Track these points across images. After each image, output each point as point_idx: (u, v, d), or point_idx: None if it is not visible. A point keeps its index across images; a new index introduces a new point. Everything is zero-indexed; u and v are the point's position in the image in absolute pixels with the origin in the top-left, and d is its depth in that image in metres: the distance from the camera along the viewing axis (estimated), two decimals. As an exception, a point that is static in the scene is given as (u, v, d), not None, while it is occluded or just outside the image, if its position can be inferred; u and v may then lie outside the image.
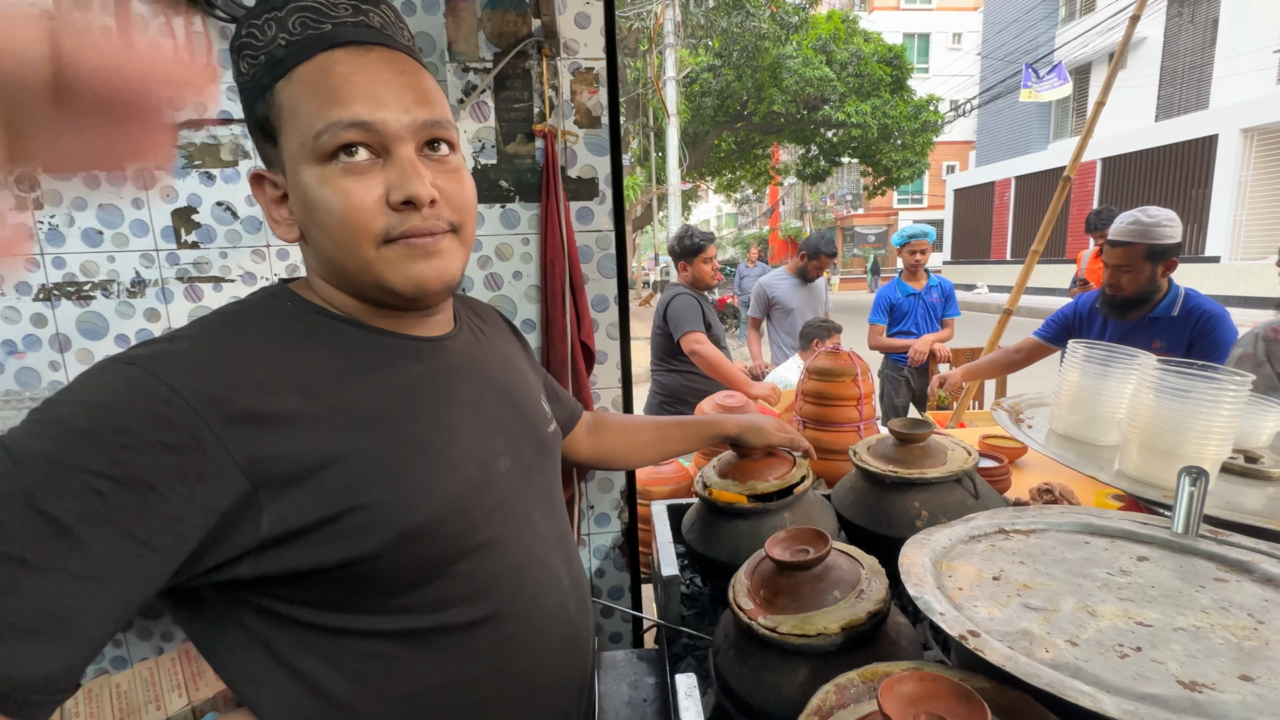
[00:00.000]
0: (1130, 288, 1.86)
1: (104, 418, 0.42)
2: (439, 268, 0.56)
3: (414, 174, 0.52)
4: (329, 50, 0.51)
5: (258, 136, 0.54)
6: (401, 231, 0.53)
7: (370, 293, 0.56)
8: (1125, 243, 1.82)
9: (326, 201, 0.51)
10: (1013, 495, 1.61)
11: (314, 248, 0.55)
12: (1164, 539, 0.68)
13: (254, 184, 0.56)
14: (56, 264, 1.21)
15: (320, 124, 0.50)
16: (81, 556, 0.39)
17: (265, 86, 0.51)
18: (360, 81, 0.51)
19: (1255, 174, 10.47)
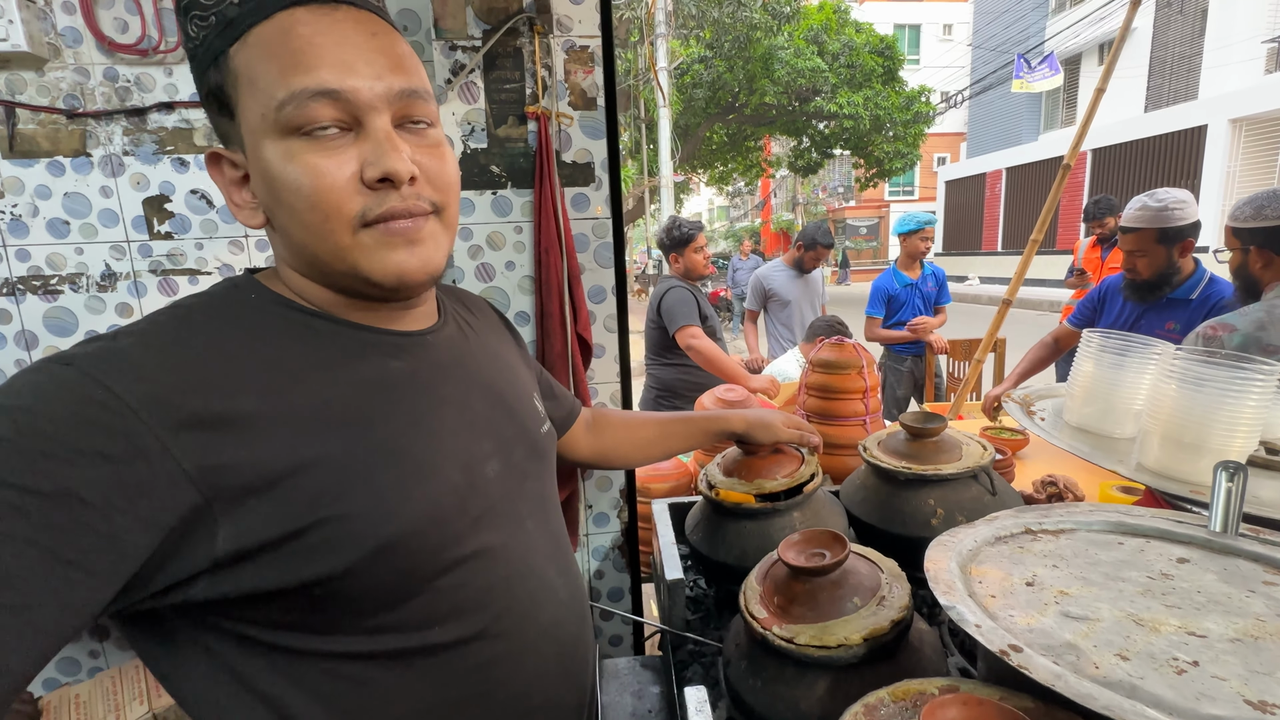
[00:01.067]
0: (1147, 271, 1.86)
1: (29, 424, 0.36)
2: (422, 256, 0.50)
3: (391, 148, 0.47)
4: (289, 9, 0.45)
5: (212, 110, 0.49)
6: (379, 213, 0.47)
7: (345, 282, 0.51)
8: (1135, 228, 1.83)
9: (293, 180, 0.45)
10: (1016, 488, 1.58)
11: (282, 233, 0.50)
12: (1202, 539, 0.64)
13: (210, 164, 0.50)
14: (20, 256, 1.14)
15: (283, 93, 0.44)
16: (1, 584, 0.34)
17: (218, 51, 0.46)
18: (326, 43, 0.45)
19: (1244, 164, 10.53)
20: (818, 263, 3.47)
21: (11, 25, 1.02)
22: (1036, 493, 1.54)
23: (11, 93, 1.09)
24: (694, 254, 2.64)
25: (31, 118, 1.10)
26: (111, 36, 1.08)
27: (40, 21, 1.07)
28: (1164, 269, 1.83)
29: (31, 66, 1.08)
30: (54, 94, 1.10)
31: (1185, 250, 1.83)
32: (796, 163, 15.83)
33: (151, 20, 1.09)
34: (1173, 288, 1.85)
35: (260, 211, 0.50)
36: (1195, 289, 1.85)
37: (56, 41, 1.08)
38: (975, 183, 17.38)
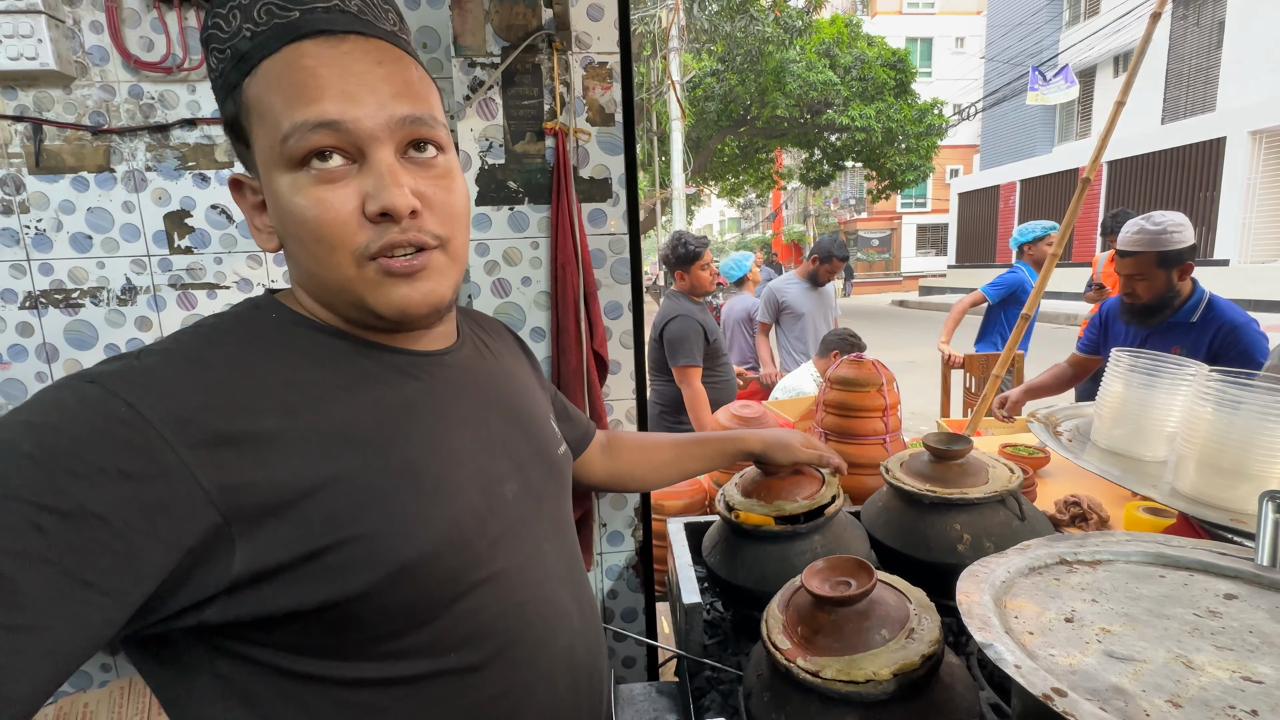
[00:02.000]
0: (1147, 295, 1.84)
1: (52, 441, 0.36)
2: (424, 290, 0.50)
3: (391, 181, 0.46)
4: (296, 41, 0.45)
5: (231, 138, 0.49)
6: (380, 247, 0.47)
7: (353, 312, 0.51)
8: (1133, 252, 1.81)
9: (300, 212, 0.46)
10: (1038, 506, 1.54)
11: (293, 261, 0.50)
12: (1249, 573, 0.61)
13: (233, 189, 0.51)
14: (44, 270, 1.15)
15: (287, 125, 0.44)
16: (15, 604, 0.33)
17: (233, 84, 0.46)
18: (329, 75, 0.45)
19: (1264, 176, 10.38)
20: (832, 275, 3.45)
21: (41, 44, 1.04)
22: (1059, 513, 1.50)
23: (39, 110, 1.11)
24: (700, 271, 2.59)
25: (58, 134, 1.12)
26: (137, 55, 1.10)
27: (69, 40, 1.09)
28: (1164, 292, 1.81)
29: (59, 84, 1.10)
30: (80, 111, 1.12)
31: (1184, 273, 1.81)
32: (808, 175, 15.83)
33: (176, 39, 1.10)
34: (1174, 311, 1.83)
35: (274, 237, 0.50)
36: (1195, 311, 1.82)
37: (84, 60, 1.10)
38: (989, 195, 17.27)
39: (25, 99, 1.10)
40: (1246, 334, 1.76)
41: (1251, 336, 1.76)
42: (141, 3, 1.10)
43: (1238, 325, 1.78)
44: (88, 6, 1.09)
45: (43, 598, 0.34)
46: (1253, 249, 10.62)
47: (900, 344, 9.33)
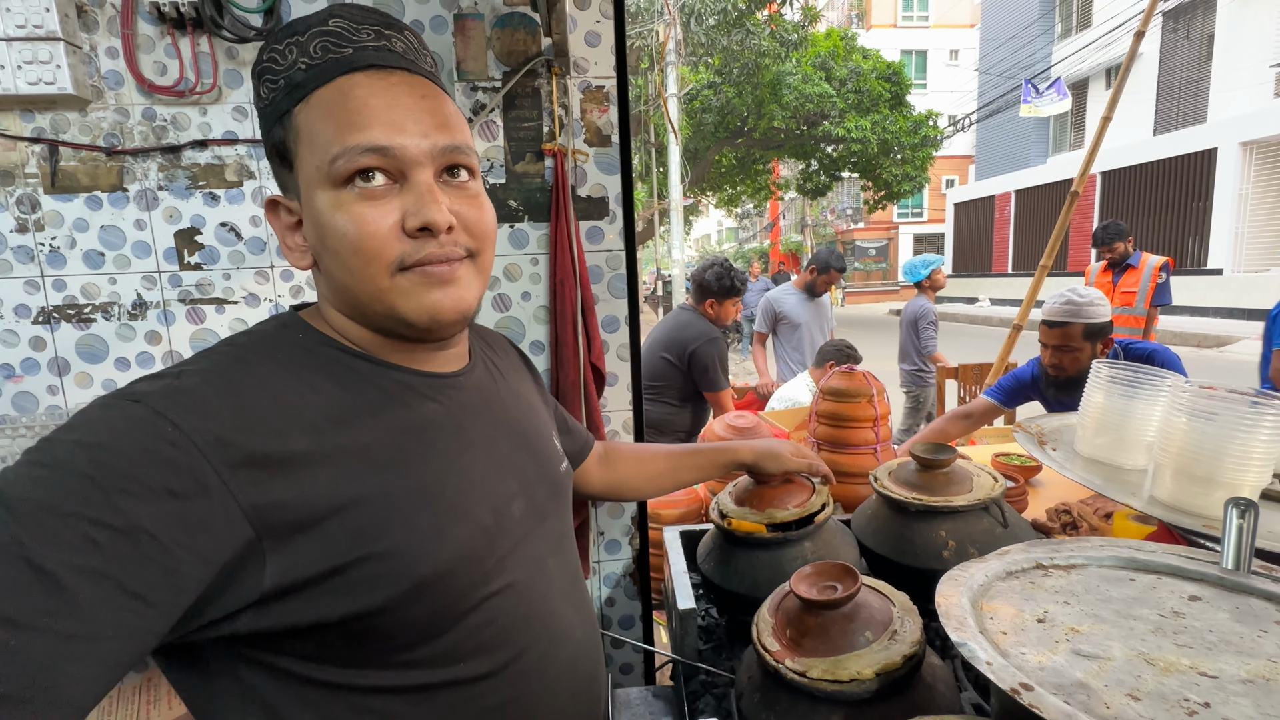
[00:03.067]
0: (1072, 368, 1.85)
1: (106, 461, 0.39)
2: (454, 296, 0.53)
3: (431, 200, 0.50)
4: (349, 74, 0.50)
5: (275, 162, 0.53)
6: (417, 259, 0.51)
7: (383, 323, 0.54)
8: (1062, 323, 1.83)
9: (340, 227, 0.49)
10: (1029, 516, 1.57)
11: (326, 275, 0.53)
12: (1214, 576, 0.64)
13: (269, 210, 0.54)
14: (57, 286, 1.18)
15: (337, 148, 0.48)
16: (73, 614, 0.36)
17: (284, 111, 0.50)
18: (379, 105, 0.49)
19: (1256, 187, 10.49)
20: (829, 286, 3.47)
21: (59, 70, 1.08)
22: (1050, 521, 1.52)
23: (55, 132, 1.14)
24: (732, 307, 2.62)
25: (73, 155, 1.15)
26: (151, 79, 1.14)
27: (85, 66, 1.13)
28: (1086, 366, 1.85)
29: (75, 107, 1.14)
30: (95, 133, 1.15)
31: (1106, 346, 1.84)
32: (805, 185, 15.96)
33: (189, 64, 1.14)
34: None
35: (309, 254, 0.53)
36: None
37: (99, 84, 1.14)
38: (984, 205, 17.42)
39: (43, 121, 1.14)
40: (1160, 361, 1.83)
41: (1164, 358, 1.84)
42: (155, 29, 1.14)
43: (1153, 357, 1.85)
44: (104, 33, 1.13)
45: (98, 608, 0.36)
46: (1245, 259, 10.71)
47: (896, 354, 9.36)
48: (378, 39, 0.52)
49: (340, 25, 0.50)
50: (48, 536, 0.36)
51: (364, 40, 0.51)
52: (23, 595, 0.35)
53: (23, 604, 0.35)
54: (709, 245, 42.48)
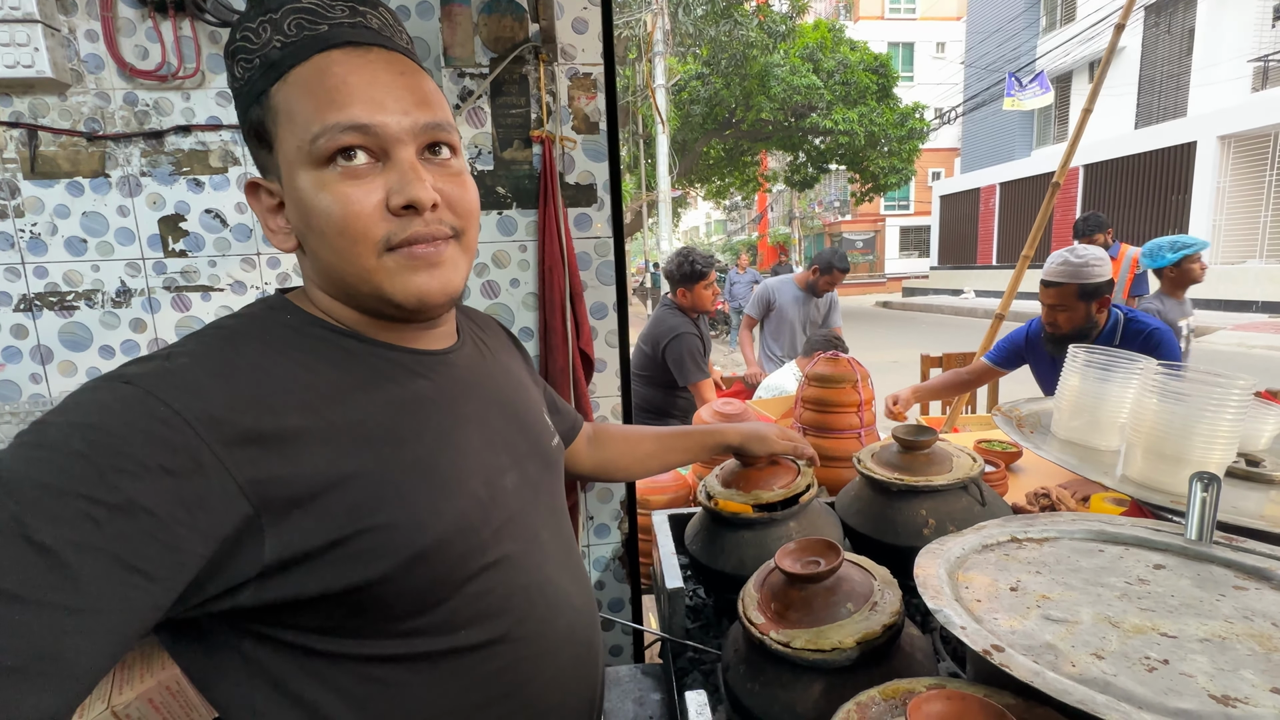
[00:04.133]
0: (1067, 326, 1.91)
1: (100, 440, 0.39)
2: (442, 279, 0.54)
3: (415, 177, 0.50)
4: (325, 51, 0.49)
5: (253, 143, 0.52)
6: (403, 238, 0.51)
7: (370, 303, 0.54)
8: (1057, 283, 1.88)
9: (324, 207, 0.49)
10: (1009, 500, 1.61)
11: (312, 257, 0.53)
12: (1178, 546, 0.67)
13: (249, 193, 0.54)
14: (38, 273, 1.17)
15: (317, 126, 0.48)
16: (75, 589, 0.36)
17: (260, 91, 0.50)
18: (358, 82, 0.49)
19: (1233, 180, 10.69)
20: (831, 287, 3.40)
21: (37, 53, 1.06)
22: (1029, 504, 1.56)
23: (34, 116, 1.13)
24: (703, 290, 2.59)
25: (53, 140, 1.14)
26: (132, 63, 1.13)
27: (64, 49, 1.11)
28: (1083, 324, 1.89)
29: (54, 91, 1.12)
30: (75, 118, 1.14)
31: (1102, 306, 1.89)
32: (793, 177, 16.01)
33: (171, 47, 1.13)
34: (1090, 340, 1.91)
35: (292, 236, 0.53)
36: (1115, 336, 1.91)
37: (79, 68, 1.13)
38: (970, 197, 17.57)
39: (21, 105, 1.12)
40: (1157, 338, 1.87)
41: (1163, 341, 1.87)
42: (136, 12, 1.12)
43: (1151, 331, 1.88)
44: (83, 15, 1.11)
45: (100, 584, 0.37)
46: (1223, 250, 10.92)
47: (883, 345, 9.47)
48: (352, 15, 0.51)
49: (314, 2, 0.50)
50: (46, 514, 0.36)
51: (339, 16, 0.50)
52: (24, 571, 0.35)
53: (24, 580, 0.35)
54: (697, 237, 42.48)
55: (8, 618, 0.34)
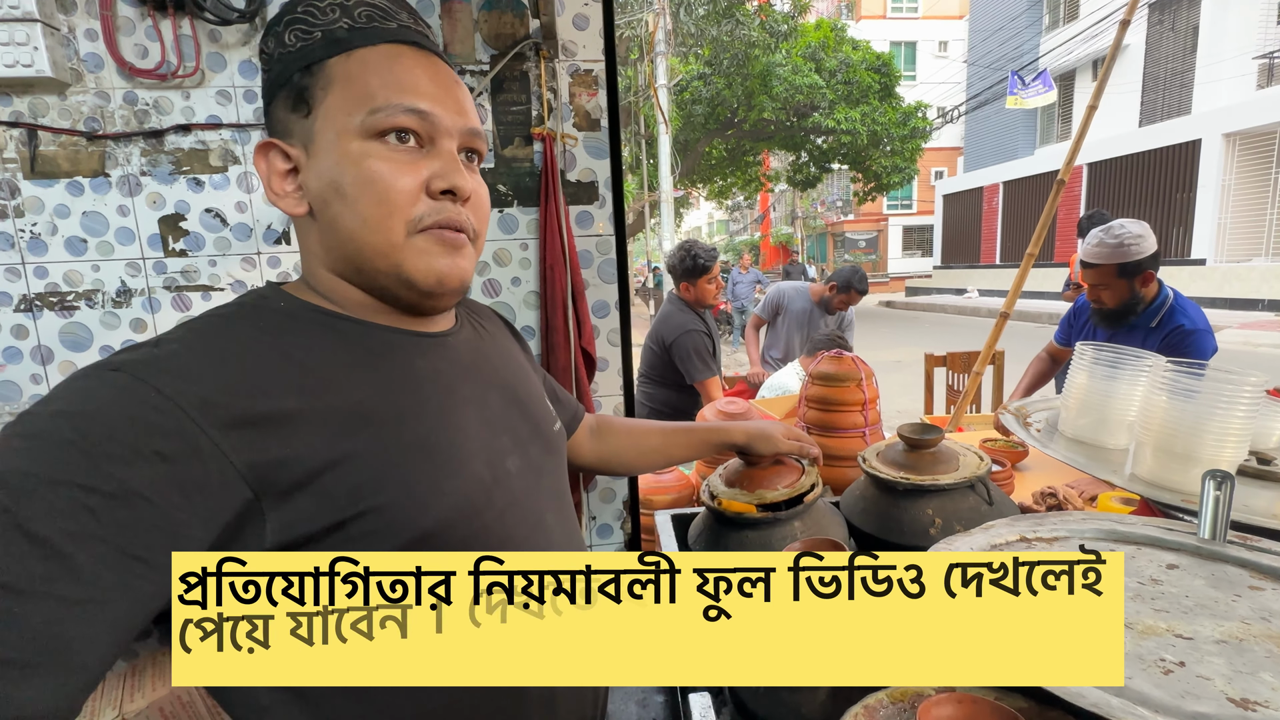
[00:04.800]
0: (1112, 302, 1.93)
1: (89, 428, 0.38)
2: (461, 266, 0.56)
3: (457, 167, 0.53)
4: (396, 44, 0.53)
5: (282, 106, 0.53)
6: (435, 220, 0.53)
7: (381, 281, 0.54)
8: (1094, 264, 1.90)
9: (366, 176, 0.50)
10: (1015, 499, 1.60)
11: (328, 226, 0.53)
12: (1191, 545, 0.66)
13: (259, 153, 0.54)
14: (38, 273, 1.17)
15: (380, 101, 0.50)
16: (74, 579, 0.36)
17: (315, 59, 0.51)
18: (424, 76, 0.53)
19: (1238, 178, 10.63)
20: (846, 307, 3.32)
21: (36, 52, 1.06)
22: (1036, 504, 1.55)
23: (34, 116, 1.12)
24: (706, 284, 2.56)
25: (52, 139, 1.14)
26: (132, 62, 1.12)
27: (63, 48, 1.11)
28: (1127, 299, 1.90)
29: (54, 91, 1.12)
30: (75, 117, 1.14)
31: (1146, 281, 1.89)
32: (795, 177, 15.99)
33: (171, 46, 1.13)
34: (1137, 315, 1.93)
35: (304, 202, 0.53)
36: (1157, 315, 1.91)
37: (79, 67, 1.12)
38: (973, 196, 17.53)
39: (20, 105, 1.12)
40: (1191, 340, 1.84)
41: (1196, 344, 1.84)
42: (136, 11, 1.12)
43: (1187, 332, 1.85)
44: (83, 14, 1.11)
45: (100, 573, 0.36)
46: (1228, 249, 10.87)
47: (887, 344, 9.45)
48: (415, 22, 0.56)
49: (383, 1, 0.54)
50: (39, 505, 0.36)
51: (405, 21, 0.55)
52: (20, 563, 0.35)
53: (21, 571, 0.35)
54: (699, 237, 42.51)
55: (8, 610, 0.34)
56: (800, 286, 3.51)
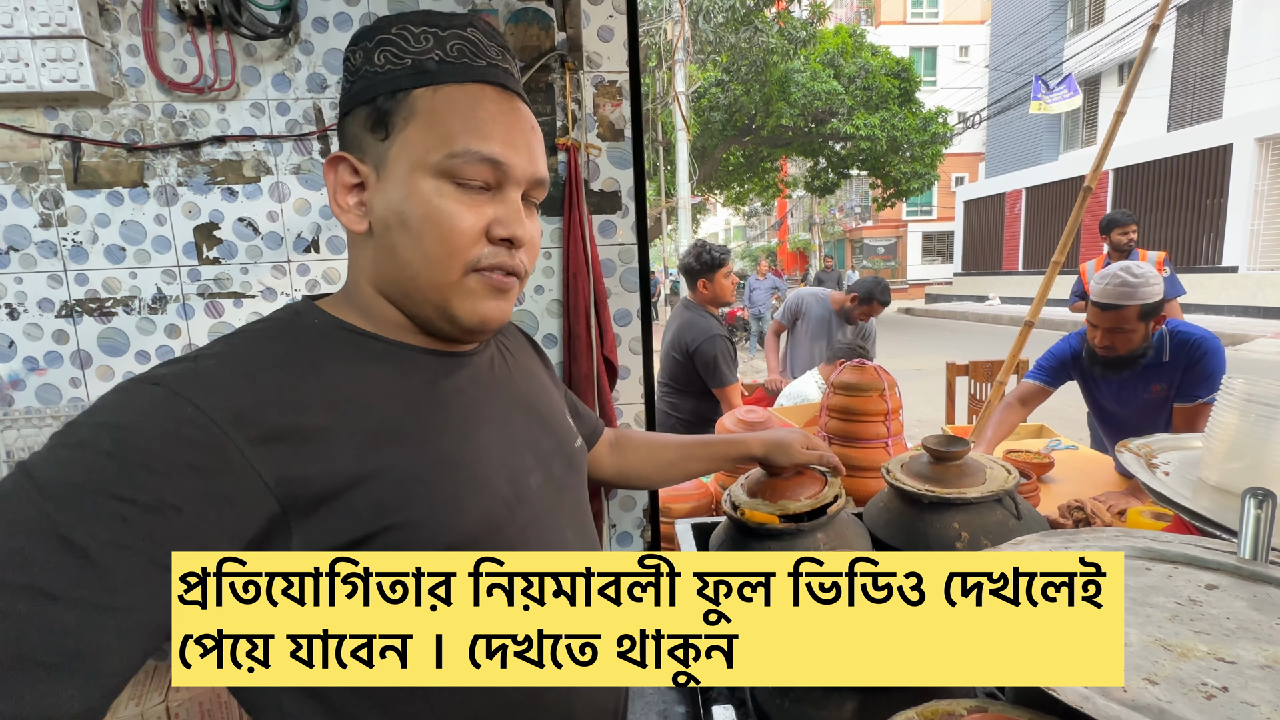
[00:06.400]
0: (1125, 348, 1.78)
1: (129, 440, 0.40)
2: (503, 309, 0.57)
3: (519, 217, 0.55)
4: (481, 84, 0.54)
5: (361, 125, 0.53)
6: (491, 264, 0.54)
7: (428, 312, 0.55)
8: (1117, 305, 1.73)
9: (435, 214, 0.51)
10: (1041, 512, 1.56)
11: (384, 250, 0.54)
12: (1231, 565, 0.64)
13: (329, 165, 0.55)
14: (79, 280, 1.21)
15: (460, 146, 0.51)
16: (109, 588, 0.37)
17: (403, 87, 0.52)
18: (504, 124, 0.54)
19: (1271, 183, 10.35)
20: (867, 318, 3.30)
21: (82, 68, 1.10)
22: (1063, 518, 1.52)
23: (78, 129, 1.16)
24: (724, 279, 2.57)
25: (95, 151, 1.18)
26: (171, 76, 1.16)
27: (107, 64, 1.15)
28: (1141, 344, 1.77)
29: (97, 104, 1.16)
30: (116, 129, 1.17)
31: (1158, 324, 1.78)
32: (813, 183, 15.92)
33: (208, 61, 1.16)
34: (1144, 360, 1.80)
35: (365, 220, 0.54)
36: (1165, 350, 1.80)
37: (121, 81, 1.16)
38: (994, 203, 17.29)
39: (65, 118, 1.16)
40: (1206, 354, 1.76)
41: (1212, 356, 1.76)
42: (175, 27, 1.16)
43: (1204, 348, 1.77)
44: (125, 31, 1.15)
45: (131, 582, 0.38)
46: (1261, 256, 10.57)
47: (907, 352, 9.33)
48: (504, 60, 0.56)
49: (477, 36, 0.54)
50: (77, 513, 0.37)
51: (494, 58, 0.55)
52: (57, 570, 0.36)
53: (57, 578, 0.36)
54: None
55: (44, 616, 0.35)
56: (820, 293, 3.48)
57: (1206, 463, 0.94)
